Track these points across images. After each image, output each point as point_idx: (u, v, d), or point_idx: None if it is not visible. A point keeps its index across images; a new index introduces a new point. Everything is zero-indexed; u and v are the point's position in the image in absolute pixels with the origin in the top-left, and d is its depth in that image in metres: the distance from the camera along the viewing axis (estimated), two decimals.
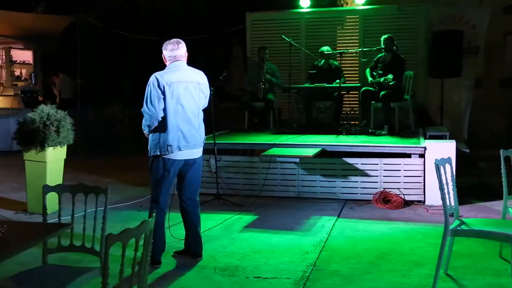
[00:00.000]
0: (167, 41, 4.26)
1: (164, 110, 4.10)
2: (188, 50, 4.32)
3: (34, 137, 5.77)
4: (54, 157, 5.96)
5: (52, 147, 5.87)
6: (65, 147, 6.10)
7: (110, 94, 14.16)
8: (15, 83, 12.50)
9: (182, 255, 4.51)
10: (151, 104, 4.05)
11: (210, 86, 4.49)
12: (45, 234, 2.93)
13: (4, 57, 12.30)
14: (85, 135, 10.46)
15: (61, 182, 5.92)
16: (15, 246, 2.64)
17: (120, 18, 14.27)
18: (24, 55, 12.70)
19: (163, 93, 4.07)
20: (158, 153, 4.13)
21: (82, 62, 13.10)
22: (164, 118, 4.10)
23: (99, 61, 15.13)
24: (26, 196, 6.14)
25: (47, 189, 3.38)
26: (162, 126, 4.11)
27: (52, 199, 3.46)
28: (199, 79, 4.28)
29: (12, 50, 12.35)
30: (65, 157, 6.19)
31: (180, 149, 4.15)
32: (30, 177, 5.99)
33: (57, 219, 3.42)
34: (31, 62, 12.76)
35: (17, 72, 12.72)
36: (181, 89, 4.13)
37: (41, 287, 2.89)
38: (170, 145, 4.10)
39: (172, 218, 4.73)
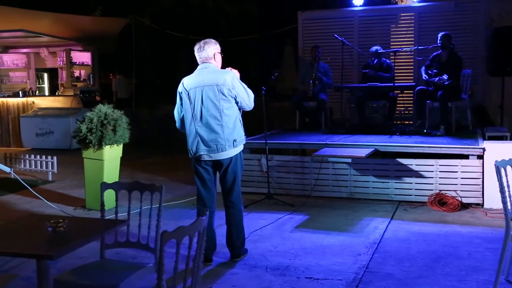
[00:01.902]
0: (197, 43, 4.30)
1: (185, 114, 4.26)
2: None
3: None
4: (111, 155, 6.14)
5: (109, 146, 6.04)
6: (121, 146, 6.27)
7: (163, 94, 14.46)
8: (75, 83, 12.98)
9: None
10: (175, 108, 4.35)
11: (262, 86, 4.49)
12: (103, 229, 3.02)
13: (65, 58, 12.78)
14: (140, 134, 10.74)
15: (117, 180, 6.10)
16: (76, 240, 2.73)
17: (173, 19, 14.54)
18: (83, 57, 13.15)
19: (181, 98, 4.25)
20: (190, 156, 4.31)
21: (137, 62, 13.43)
22: (186, 122, 4.27)
23: (153, 62, 15.47)
24: (84, 192, 6.36)
25: (104, 186, 3.48)
26: (186, 130, 4.29)
27: (109, 196, 3.56)
28: (218, 81, 4.14)
29: (72, 52, 12.82)
30: (121, 155, 6.36)
31: (198, 153, 4.21)
32: (89, 174, 6.19)
33: (114, 215, 3.53)
34: (90, 63, 13.20)
35: (76, 73, 13.20)
36: (198, 94, 4.17)
37: (99, 280, 2.98)
38: (190, 149, 4.26)
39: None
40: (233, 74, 4.24)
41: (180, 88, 4.27)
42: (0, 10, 10.66)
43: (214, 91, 4.15)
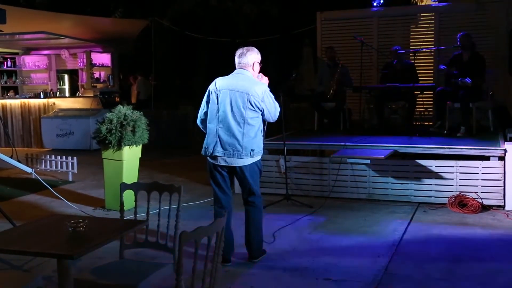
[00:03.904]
0: (240, 48, 4.35)
1: (209, 113, 4.26)
2: (259, 51, 4.34)
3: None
4: (130, 156, 6.18)
5: (128, 146, 6.08)
6: (140, 146, 6.31)
7: (182, 95, 14.56)
8: (95, 85, 13.12)
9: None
10: (201, 106, 4.36)
11: (280, 89, 4.47)
12: (122, 230, 3.04)
13: (85, 60, 12.93)
14: (159, 135, 10.81)
15: (136, 180, 6.15)
16: (96, 241, 2.75)
17: (192, 21, 14.61)
18: (102, 58, 13.29)
19: (209, 97, 4.27)
20: (203, 154, 4.31)
21: (156, 63, 13.52)
22: (208, 120, 4.27)
23: (172, 63, 15.57)
24: (104, 193, 6.42)
25: (124, 186, 3.51)
26: (206, 128, 4.30)
27: (128, 196, 3.59)
28: (250, 89, 4.14)
29: (92, 53, 12.96)
30: (140, 156, 6.40)
31: (214, 154, 4.19)
32: (108, 175, 6.25)
33: (133, 215, 3.56)
34: (109, 64, 13.33)
35: (96, 74, 13.34)
36: (227, 97, 4.18)
37: (119, 280, 3.01)
38: (207, 147, 4.25)
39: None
40: (265, 87, 4.24)
41: (211, 87, 4.29)
42: (22, 12, 10.83)
43: (243, 98, 4.15)
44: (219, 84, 4.26)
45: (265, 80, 4.37)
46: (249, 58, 4.26)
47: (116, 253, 3.45)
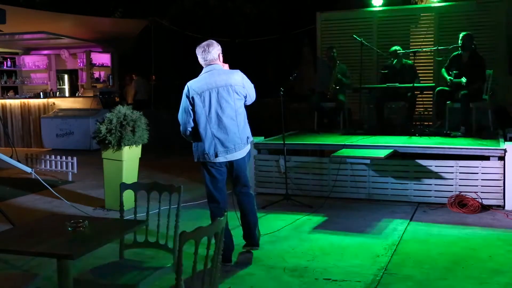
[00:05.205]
0: (198, 45, 4.28)
1: (198, 119, 4.19)
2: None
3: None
4: (130, 156, 6.18)
5: (128, 146, 6.08)
6: (140, 146, 6.31)
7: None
8: (94, 84, 13.12)
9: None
10: (180, 114, 4.28)
11: (280, 87, 4.45)
12: (122, 230, 3.04)
13: (85, 60, 12.94)
14: (159, 135, 10.79)
15: (136, 180, 6.15)
16: (96, 241, 2.76)
17: (192, 20, 14.61)
18: (102, 58, 13.29)
19: (193, 103, 4.18)
20: (200, 160, 4.29)
21: (156, 63, 13.52)
22: (199, 127, 4.20)
23: (172, 63, 15.56)
24: (104, 193, 6.42)
25: (123, 186, 3.51)
26: (198, 134, 4.22)
27: (128, 196, 3.59)
28: (231, 81, 4.17)
29: (92, 53, 12.96)
30: (140, 156, 6.40)
31: (217, 155, 4.20)
32: (108, 175, 6.24)
33: (132, 215, 3.55)
34: (109, 64, 13.33)
35: (96, 74, 13.34)
36: (213, 96, 4.15)
37: (119, 280, 3.01)
38: (207, 153, 4.22)
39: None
40: (240, 72, 4.29)
41: (190, 93, 4.19)
42: (22, 12, 10.83)
43: (228, 91, 4.17)
44: (196, 87, 4.18)
45: (226, 67, 4.36)
46: (214, 53, 4.23)
47: (116, 253, 3.45)
